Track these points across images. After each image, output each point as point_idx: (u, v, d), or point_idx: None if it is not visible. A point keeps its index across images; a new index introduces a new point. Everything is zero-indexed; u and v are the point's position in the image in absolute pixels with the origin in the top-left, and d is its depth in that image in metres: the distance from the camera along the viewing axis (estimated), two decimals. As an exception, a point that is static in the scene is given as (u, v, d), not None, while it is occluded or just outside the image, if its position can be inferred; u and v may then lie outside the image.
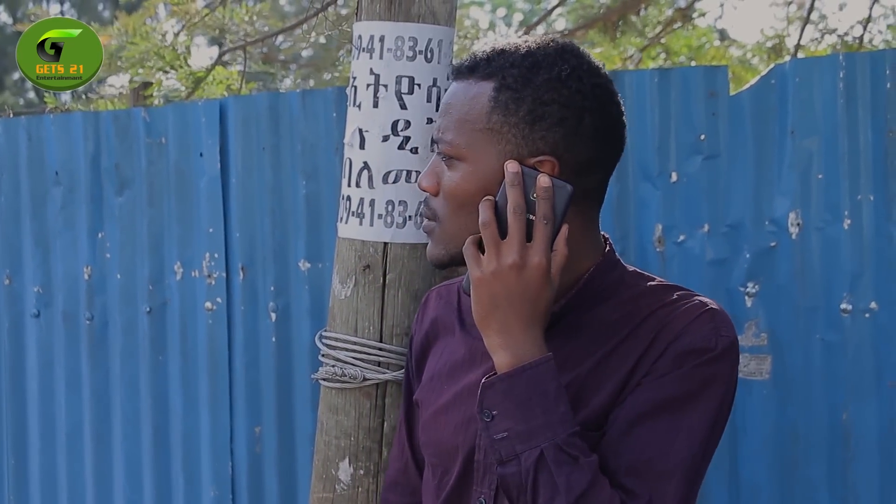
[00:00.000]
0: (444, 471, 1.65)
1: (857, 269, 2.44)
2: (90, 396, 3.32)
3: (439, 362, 1.71)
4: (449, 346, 1.71)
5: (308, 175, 3.00)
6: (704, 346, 1.49)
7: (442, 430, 1.64)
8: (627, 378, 1.50)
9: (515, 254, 1.42)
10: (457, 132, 1.54)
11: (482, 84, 1.53)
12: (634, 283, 1.62)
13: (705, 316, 1.52)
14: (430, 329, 1.76)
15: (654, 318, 1.53)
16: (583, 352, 1.54)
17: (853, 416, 2.45)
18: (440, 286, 1.83)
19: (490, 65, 1.53)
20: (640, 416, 1.47)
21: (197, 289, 3.16)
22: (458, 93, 1.55)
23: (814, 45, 7.51)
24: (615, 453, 1.47)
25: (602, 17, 6.43)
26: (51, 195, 3.36)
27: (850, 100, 2.44)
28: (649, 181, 2.63)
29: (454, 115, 1.54)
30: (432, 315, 1.77)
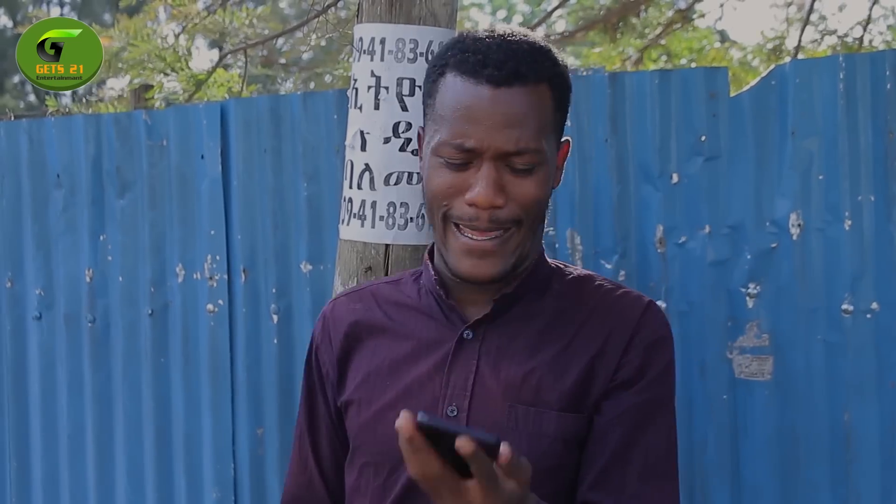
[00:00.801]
0: (392, 468, 1.63)
1: (858, 269, 2.44)
2: (92, 398, 3.32)
3: (374, 361, 1.70)
4: (382, 345, 1.71)
5: (309, 177, 3.01)
6: (663, 335, 1.65)
7: (392, 426, 1.60)
8: (594, 364, 1.60)
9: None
10: (537, 139, 1.55)
11: (541, 87, 1.56)
12: (561, 274, 1.71)
13: (652, 307, 1.66)
14: (351, 333, 1.74)
15: (604, 309, 1.65)
16: (542, 338, 1.63)
17: (855, 416, 2.45)
18: (347, 294, 1.82)
19: (538, 65, 1.55)
20: (642, 422, 1.59)
21: (199, 291, 3.17)
22: (519, 100, 1.53)
23: (814, 46, 7.52)
24: (623, 463, 1.57)
25: (602, 19, 6.44)
26: (52, 198, 3.36)
27: (850, 101, 2.44)
28: (650, 182, 2.63)
29: (529, 124, 1.53)
30: (349, 320, 1.75)
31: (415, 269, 1.81)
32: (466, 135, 1.52)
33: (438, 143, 1.55)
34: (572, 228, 2.69)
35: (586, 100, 2.69)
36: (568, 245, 2.69)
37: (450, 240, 1.59)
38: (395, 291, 1.77)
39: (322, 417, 1.79)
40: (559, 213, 2.70)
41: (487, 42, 1.55)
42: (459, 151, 1.53)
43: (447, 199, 1.56)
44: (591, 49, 8.24)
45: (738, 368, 2.55)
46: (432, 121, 1.59)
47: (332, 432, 1.79)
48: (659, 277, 2.62)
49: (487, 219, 1.54)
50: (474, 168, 1.54)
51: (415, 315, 1.71)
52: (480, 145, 1.52)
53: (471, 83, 1.53)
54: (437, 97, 1.58)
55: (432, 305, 1.69)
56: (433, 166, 1.57)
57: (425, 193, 1.62)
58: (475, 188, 1.53)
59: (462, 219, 1.56)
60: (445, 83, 1.56)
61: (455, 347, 1.64)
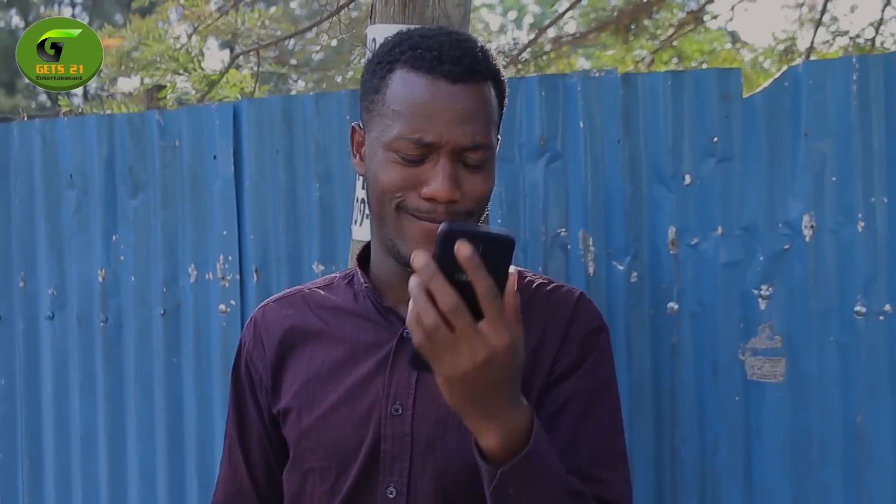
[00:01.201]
0: (340, 471, 1.64)
1: (872, 271, 2.43)
2: (104, 398, 3.33)
3: (312, 367, 1.70)
4: (319, 350, 1.71)
5: (322, 177, 3.01)
6: (599, 325, 1.70)
7: (336, 429, 1.64)
8: (533, 358, 1.63)
9: (486, 348, 1.28)
10: (489, 135, 1.58)
11: (488, 83, 1.58)
12: None
13: (583, 299, 1.72)
14: (285, 340, 1.74)
15: (539, 304, 1.69)
16: None
17: (868, 418, 2.44)
18: (277, 300, 1.81)
19: (487, 63, 1.58)
20: (586, 408, 1.63)
21: (211, 291, 3.17)
22: (473, 96, 1.55)
23: (825, 47, 7.51)
24: (574, 449, 1.60)
25: (614, 20, 6.43)
26: (65, 198, 3.37)
27: (863, 102, 2.44)
28: (663, 184, 2.63)
29: (482, 120, 1.56)
30: (283, 326, 1.75)
31: (344, 272, 1.81)
32: (425, 129, 1.52)
33: (394, 139, 1.54)
34: (584, 229, 2.68)
35: (599, 101, 2.69)
36: (580, 246, 2.68)
37: (406, 227, 1.57)
38: (327, 296, 1.77)
39: (253, 424, 1.79)
40: (571, 214, 2.70)
41: (439, 39, 1.56)
42: (417, 146, 1.53)
43: (401, 191, 1.56)
44: (602, 51, 8.24)
45: (750, 370, 2.54)
46: (382, 116, 1.57)
47: (264, 439, 1.78)
48: (671, 279, 2.62)
49: (444, 212, 1.55)
50: (430, 163, 1.54)
51: (351, 319, 1.71)
52: (439, 140, 1.52)
53: (427, 79, 1.53)
54: (389, 93, 1.56)
55: (369, 308, 1.70)
56: (384, 161, 1.56)
57: (372, 188, 1.61)
58: (433, 183, 1.53)
59: (419, 210, 1.55)
60: (397, 79, 1.56)
61: (396, 347, 1.65)
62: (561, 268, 2.70)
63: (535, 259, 2.73)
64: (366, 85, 1.64)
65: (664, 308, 2.62)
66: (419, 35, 1.58)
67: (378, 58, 1.61)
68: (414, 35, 1.59)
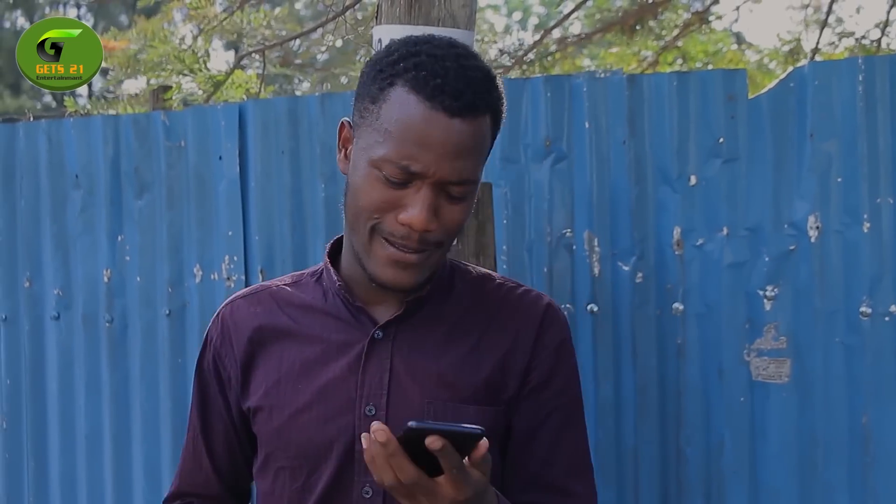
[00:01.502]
0: (311, 470, 1.64)
1: (877, 272, 2.43)
2: (110, 398, 3.33)
3: (282, 366, 1.69)
4: (290, 348, 1.70)
5: (327, 178, 3.01)
6: (567, 335, 1.72)
7: (308, 429, 1.64)
8: (504, 360, 1.66)
9: (445, 500, 1.38)
10: (477, 171, 1.56)
11: (485, 118, 1.54)
12: (462, 272, 1.75)
13: (553, 305, 1.72)
14: (254, 338, 1.73)
15: (508, 308, 1.70)
16: (451, 337, 1.67)
17: (873, 419, 2.44)
18: (243, 297, 1.79)
19: (489, 97, 1.54)
20: (563, 425, 1.69)
21: (216, 291, 3.17)
22: (469, 132, 1.52)
23: (831, 48, 7.50)
24: (550, 463, 1.67)
25: (619, 21, 6.42)
26: (71, 198, 3.38)
27: (869, 103, 2.44)
28: (668, 184, 2.63)
29: (473, 156, 1.54)
30: (252, 325, 1.74)
31: (313, 269, 1.79)
32: (414, 158, 1.49)
33: (381, 159, 1.51)
34: (590, 230, 2.69)
35: (604, 101, 2.69)
36: (585, 247, 2.69)
37: (376, 249, 1.57)
38: (296, 294, 1.75)
39: (218, 419, 1.78)
40: (577, 215, 2.70)
41: (445, 65, 1.51)
42: (403, 172, 1.51)
43: (379, 213, 1.54)
44: (607, 50, 8.24)
45: (755, 371, 2.54)
46: (374, 129, 1.54)
47: (230, 433, 1.77)
48: (676, 279, 2.62)
49: (418, 239, 1.54)
50: (413, 189, 1.52)
51: (321, 317, 1.70)
52: (426, 171, 1.50)
53: (425, 107, 1.49)
54: (385, 108, 1.52)
55: (339, 307, 1.69)
56: (368, 177, 1.54)
57: (350, 197, 1.59)
58: (411, 210, 1.52)
59: (393, 235, 1.54)
60: (396, 96, 1.52)
61: (367, 347, 1.64)
62: (566, 268, 2.70)
63: (540, 260, 2.73)
64: (364, 87, 1.60)
65: (669, 308, 2.62)
66: (427, 53, 1.53)
67: (381, 64, 1.57)
68: (422, 51, 1.54)
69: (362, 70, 1.63)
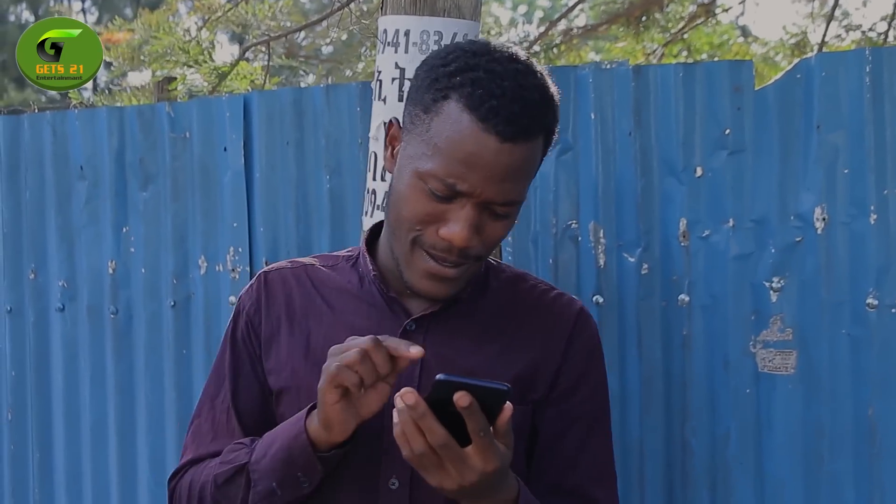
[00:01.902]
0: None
1: (884, 263, 2.42)
2: (115, 390, 3.33)
3: (312, 347, 1.68)
4: (317, 329, 1.69)
5: (332, 170, 3.01)
6: (598, 341, 1.76)
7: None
8: (535, 361, 1.68)
9: (474, 473, 1.40)
10: (523, 191, 1.56)
11: (539, 139, 1.54)
12: (497, 271, 1.76)
13: (585, 311, 1.76)
14: (285, 313, 1.72)
15: (541, 309, 1.73)
16: (484, 334, 1.68)
17: (879, 411, 2.43)
18: (280, 269, 1.77)
19: (543, 119, 1.53)
20: (589, 430, 1.71)
21: (221, 283, 3.17)
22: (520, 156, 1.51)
23: (837, 41, 7.48)
24: (574, 467, 1.69)
25: (625, 13, 6.41)
26: (75, 190, 3.38)
27: (876, 94, 2.43)
28: (674, 176, 2.62)
29: (521, 178, 1.54)
30: (285, 299, 1.72)
31: (348, 253, 1.78)
32: (461, 178, 1.49)
33: (427, 173, 1.51)
34: (595, 222, 2.68)
35: (610, 93, 2.68)
36: (591, 238, 2.68)
37: (416, 260, 1.57)
38: (332, 276, 1.74)
39: (250, 388, 1.73)
40: (582, 207, 2.70)
41: (503, 84, 1.48)
42: (449, 189, 1.50)
43: (421, 225, 1.55)
44: (612, 43, 8.23)
45: (761, 363, 2.54)
46: (423, 141, 1.53)
47: (265, 400, 1.73)
48: (682, 271, 2.61)
49: (458, 254, 1.55)
50: (457, 204, 1.52)
51: (355, 303, 1.70)
52: (472, 191, 1.50)
53: (478, 129, 1.48)
54: (437, 122, 1.51)
55: (374, 295, 1.69)
56: (413, 187, 1.54)
57: (393, 203, 1.59)
58: (453, 226, 1.52)
59: (434, 248, 1.55)
60: (449, 111, 1.50)
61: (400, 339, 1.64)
62: (571, 260, 2.70)
63: (545, 251, 2.72)
64: (416, 93, 1.57)
65: (675, 300, 2.62)
66: (485, 69, 1.50)
67: (437, 73, 1.54)
68: (480, 65, 1.50)
69: (416, 71, 1.60)
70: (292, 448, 1.54)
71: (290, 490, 1.57)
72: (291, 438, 1.54)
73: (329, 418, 1.49)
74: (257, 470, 1.58)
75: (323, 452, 1.53)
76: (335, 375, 1.45)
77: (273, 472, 1.56)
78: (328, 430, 1.50)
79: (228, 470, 1.62)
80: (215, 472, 1.65)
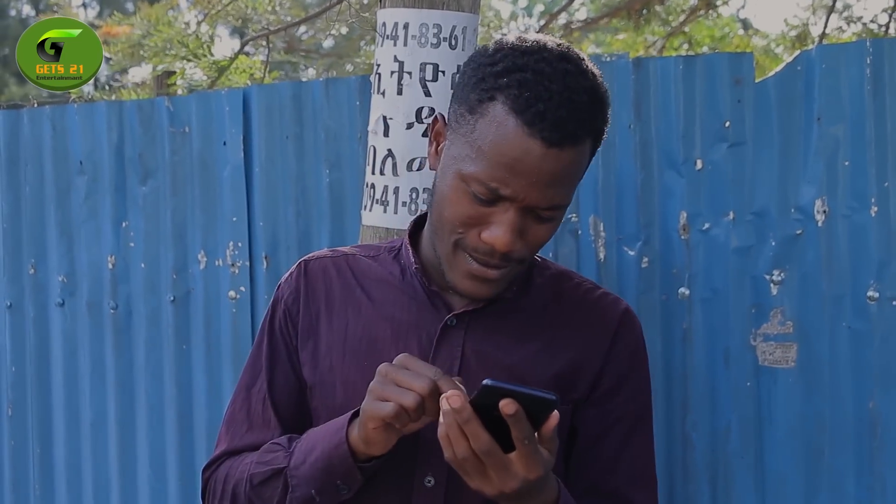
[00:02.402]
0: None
1: (885, 256, 2.42)
2: (114, 385, 3.33)
3: (350, 339, 1.66)
4: (356, 321, 1.66)
5: (331, 163, 3.00)
6: (642, 343, 1.73)
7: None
8: (577, 361, 1.65)
9: (517, 480, 1.38)
10: (569, 195, 1.53)
11: (585, 144, 1.50)
12: (542, 268, 1.74)
13: (630, 311, 1.72)
14: (324, 304, 1.69)
15: (586, 308, 1.70)
16: (525, 332, 1.65)
17: (880, 404, 2.43)
18: (320, 258, 1.74)
19: (592, 123, 1.49)
20: (630, 431, 1.68)
21: (220, 278, 3.17)
22: (566, 161, 1.47)
23: (838, 34, 7.47)
24: (613, 469, 1.66)
25: (626, 6, 6.40)
26: (75, 185, 3.37)
27: (877, 86, 2.42)
28: (674, 169, 2.62)
29: (567, 183, 1.50)
30: (324, 289, 1.70)
31: (390, 245, 1.75)
32: (505, 183, 1.46)
33: (471, 176, 1.48)
34: (595, 215, 2.67)
35: (610, 85, 2.64)
36: (591, 232, 2.67)
37: (458, 261, 1.55)
38: (373, 266, 1.71)
39: (286, 379, 1.71)
40: (582, 200, 2.69)
41: (551, 87, 1.44)
42: (492, 193, 1.47)
43: (463, 227, 1.52)
44: (613, 36, 8.22)
45: (761, 356, 2.53)
46: (467, 142, 1.49)
47: (294, 393, 1.70)
48: (682, 264, 2.61)
49: (500, 258, 1.52)
50: (500, 208, 1.49)
51: (396, 294, 1.67)
52: (516, 196, 1.47)
53: (523, 133, 1.44)
54: (481, 123, 1.47)
55: (416, 287, 1.66)
56: (455, 189, 1.51)
57: (437, 205, 1.56)
58: (495, 230, 1.49)
59: (476, 251, 1.52)
60: (495, 114, 1.46)
61: (440, 334, 1.62)
62: (572, 253, 2.69)
63: (545, 245, 2.71)
64: (462, 91, 1.54)
65: (675, 294, 2.61)
66: (533, 69, 1.46)
67: (483, 72, 1.50)
68: (528, 66, 1.46)
69: (463, 68, 1.57)
70: (332, 457, 1.52)
71: (328, 497, 1.55)
72: (332, 447, 1.52)
73: (371, 439, 1.48)
74: (296, 476, 1.57)
75: (363, 462, 1.52)
76: (387, 415, 1.43)
77: (312, 480, 1.55)
78: (368, 446, 1.49)
79: (266, 472, 1.61)
80: (251, 472, 1.63)
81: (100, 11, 23.15)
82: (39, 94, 3.97)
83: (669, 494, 2.63)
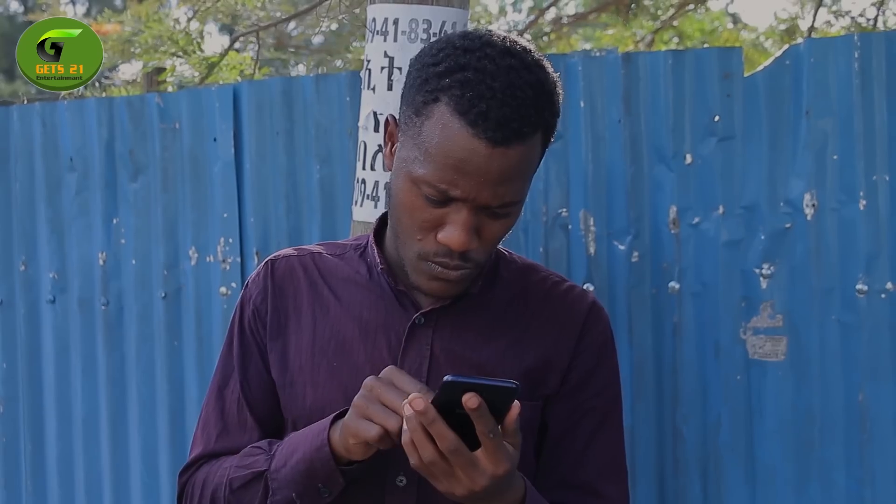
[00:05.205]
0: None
1: (873, 249, 2.43)
2: (106, 382, 3.33)
3: (316, 338, 1.64)
4: (324, 321, 1.65)
5: (322, 159, 3.01)
6: (610, 335, 1.72)
7: (341, 407, 1.56)
8: (546, 355, 1.65)
9: (485, 477, 1.38)
10: (522, 191, 1.52)
11: (534, 139, 1.48)
12: (507, 261, 1.72)
13: (597, 304, 1.72)
14: (291, 304, 1.68)
15: (553, 302, 1.69)
16: (494, 328, 1.65)
17: (869, 396, 2.44)
18: (287, 257, 1.72)
19: (538, 117, 1.47)
20: (599, 424, 1.68)
21: (212, 274, 3.17)
22: (514, 158, 1.45)
23: (827, 28, 7.48)
24: (583, 463, 1.66)
25: (615, 1, 6.41)
26: (65, 181, 3.37)
27: (865, 80, 2.43)
28: (664, 163, 2.63)
29: (517, 180, 1.48)
30: (291, 289, 1.69)
31: (356, 242, 1.73)
32: (454, 184, 1.44)
33: (420, 178, 1.47)
34: (585, 209, 2.68)
35: (600, 80, 2.68)
36: (581, 226, 2.68)
37: (420, 266, 1.54)
38: (340, 265, 1.70)
39: (258, 378, 1.69)
40: (572, 194, 2.70)
41: (493, 85, 1.42)
42: (442, 195, 1.46)
43: (421, 233, 1.51)
44: (602, 31, 8.22)
45: (752, 349, 2.54)
46: (415, 144, 1.48)
47: (268, 393, 1.68)
48: (672, 258, 2.62)
49: (459, 258, 1.51)
50: (453, 209, 1.47)
51: (364, 294, 1.66)
52: (466, 196, 1.45)
53: (468, 134, 1.42)
54: (427, 126, 1.46)
55: (383, 286, 1.65)
56: (408, 192, 1.50)
57: (394, 208, 1.55)
58: (450, 230, 1.48)
59: (436, 255, 1.51)
60: (438, 115, 1.44)
61: (408, 334, 1.61)
62: (562, 248, 2.70)
63: (535, 239, 2.72)
64: (409, 92, 1.52)
65: (665, 287, 2.62)
66: (475, 67, 1.43)
67: (427, 73, 1.48)
68: (470, 65, 1.44)
69: (409, 68, 1.55)
70: (314, 460, 1.51)
71: (309, 500, 1.54)
72: (314, 450, 1.52)
73: (352, 450, 1.48)
74: (277, 479, 1.56)
75: (344, 466, 1.51)
76: (370, 438, 1.43)
77: (294, 483, 1.54)
78: (349, 454, 1.49)
79: (246, 475, 1.60)
80: (231, 476, 1.62)
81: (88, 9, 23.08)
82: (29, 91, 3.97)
83: (660, 487, 2.64)
